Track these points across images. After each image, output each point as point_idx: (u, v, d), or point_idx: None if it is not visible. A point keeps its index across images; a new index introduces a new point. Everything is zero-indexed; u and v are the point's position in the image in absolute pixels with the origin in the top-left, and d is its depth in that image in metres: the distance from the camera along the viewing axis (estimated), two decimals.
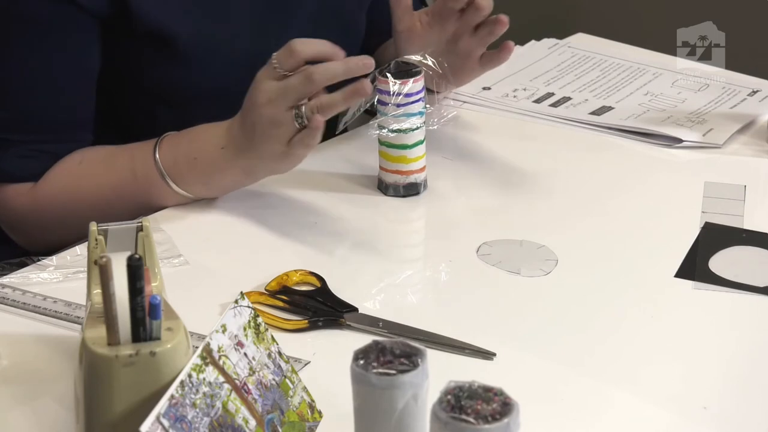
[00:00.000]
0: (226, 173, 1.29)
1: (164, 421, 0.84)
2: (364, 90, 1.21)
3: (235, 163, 1.28)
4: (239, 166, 1.28)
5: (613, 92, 1.61)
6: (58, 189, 1.32)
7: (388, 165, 1.35)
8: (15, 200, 1.33)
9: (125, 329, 0.89)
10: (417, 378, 0.85)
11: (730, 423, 1.02)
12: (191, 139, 1.30)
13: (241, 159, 1.27)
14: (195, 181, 1.30)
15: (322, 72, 1.22)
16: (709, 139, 1.49)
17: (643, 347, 1.11)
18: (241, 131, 1.26)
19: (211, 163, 1.28)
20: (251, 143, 1.25)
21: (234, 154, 1.27)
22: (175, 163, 1.29)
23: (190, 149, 1.29)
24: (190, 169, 1.29)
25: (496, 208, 1.35)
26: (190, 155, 1.29)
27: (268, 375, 0.94)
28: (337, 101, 1.23)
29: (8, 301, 1.15)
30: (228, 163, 1.28)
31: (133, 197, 1.31)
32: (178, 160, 1.29)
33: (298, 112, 1.22)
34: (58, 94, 1.32)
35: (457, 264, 1.24)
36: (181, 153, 1.29)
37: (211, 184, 1.30)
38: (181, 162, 1.29)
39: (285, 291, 1.17)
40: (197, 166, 1.29)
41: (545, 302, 1.18)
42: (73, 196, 1.32)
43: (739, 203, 1.35)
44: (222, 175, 1.29)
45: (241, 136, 1.26)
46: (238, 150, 1.27)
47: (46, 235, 1.35)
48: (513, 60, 1.69)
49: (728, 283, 1.20)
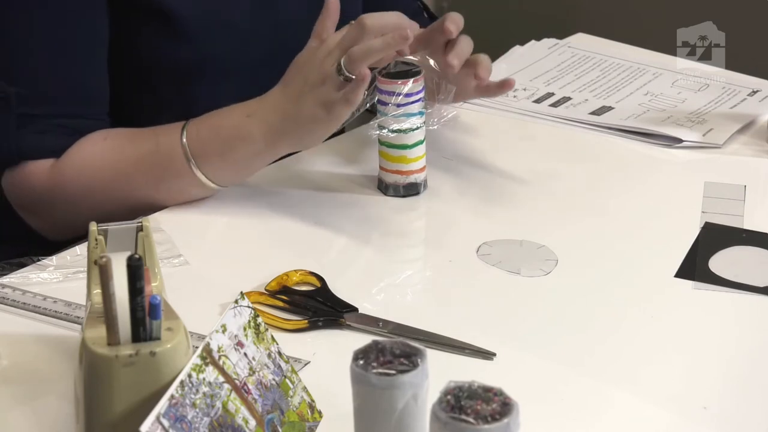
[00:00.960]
0: (247, 142, 1.27)
1: (164, 421, 0.84)
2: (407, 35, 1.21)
3: (260, 131, 1.27)
4: (263, 135, 1.27)
5: (613, 92, 1.61)
6: (82, 164, 1.31)
7: (388, 165, 1.35)
8: (35, 178, 1.32)
9: (125, 329, 0.89)
10: (417, 378, 0.85)
11: (730, 423, 1.02)
12: (216, 112, 1.30)
13: (269, 126, 1.27)
14: (213, 151, 1.28)
15: (376, 18, 1.23)
16: (709, 139, 1.49)
17: (643, 347, 1.11)
18: (282, 94, 1.26)
19: (233, 130, 1.28)
20: (293, 104, 1.25)
21: (261, 120, 1.27)
22: (198, 134, 1.28)
23: (214, 120, 1.29)
24: (211, 137, 1.28)
25: (496, 208, 1.35)
26: (214, 124, 1.29)
27: (268, 375, 0.94)
28: (375, 47, 1.22)
29: (8, 301, 1.15)
30: (252, 130, 1.27)
31: (153, 172, 1.30)
32: (201, 131, 1.29)
33: (338, 65, 1.22)
34: (78, 64, 1.32)
35: (457, 264, 1.24)
36: (205, 125, 1.29)
37: (230, 155, 1.28)
38: (204, 132, 1.28)
39: (285, 291, 1.17)
40: (220, 134, 1.28)
41: (545, 302, 1.18)
42: (97, 170, 1.31)
43: (739, 203, 1.35)
44: (243, 145, 1.28)
45: (280, 99, 1.26)
46: (269, 115, 1.26)
47: (66, 215, 1.33)
48: (513, 60, 1.70)
49: (728, 283, 1.20)
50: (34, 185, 1.32)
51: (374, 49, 1.23)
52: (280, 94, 1.27)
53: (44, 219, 1.36)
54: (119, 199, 1.31)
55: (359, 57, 1.22)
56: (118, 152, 1.32)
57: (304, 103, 1.25)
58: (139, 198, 1.30)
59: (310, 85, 1.25)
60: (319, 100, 1.24)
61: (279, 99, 1.27)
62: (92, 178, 1.31)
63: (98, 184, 1.31)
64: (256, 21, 1.40)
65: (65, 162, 1.32)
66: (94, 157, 1.32)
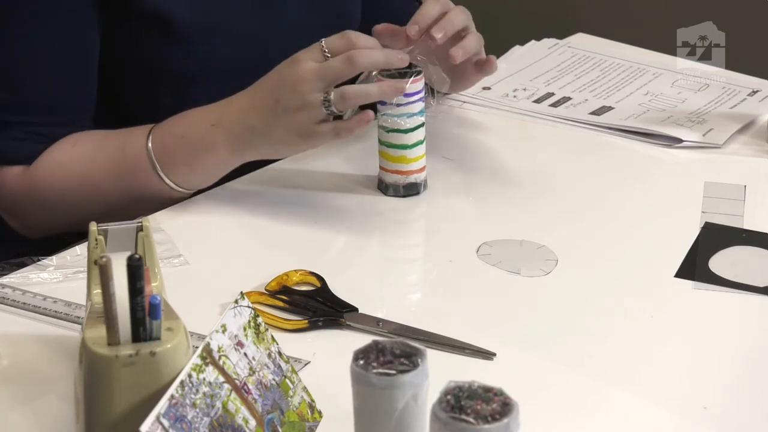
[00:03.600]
0: (212, 152, 1.27)
1: (164, 421, 0.84)
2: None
3: (225, 142, 1.27)
4: (228, 145, 1.27)
5: (613, 92, 1.61)
6: (51, 171, 1.32)
7: (388, 165, 1.35)
8: (10, 183, 1.33)
9: (125, 329, 0.89)
10: (417, 378, 0.85)
11: (730, 423, 1.02)
12: (180, 118, 1.30)
13: (234, 138, 1.26)
14: (180, 161, 1.28)
15: (365, 56, 1.23)
16: (709, 139, 1.49)
17: (643, 347, 1.11)
18: (249, 107, 1.26)
19: (198, 140, 1.27)
20: (262, 122, 1.25)
21: (227, 131, 1.26)
22: (162, 143, 1.29)
23: (178, 128, 1.29)
24: (176, 147, 1.28)
25: (496, 208, 1.35)
26: (177, 134, 1.29)
27: (268, 375, 0.94)
28: (372, 93, 1.24)
29: (8, 301, 1.15)
30: (217, 141, 1.27)
31: (120, 180, 1.30)
32: (166, 139, 1.29)
33: (327, 97, 1.22)
34: (56, 75, 1.32)
35: (457, 264, 1.24)
36: (169, 133, 1.29)
37: (196, 164, 1.28)
38: (169, 141, 1.28)
39: (285, 291, 1.17)
40: (184, 144, 1.28)
41: (545, 302, 1.18)
42: (65, 178, 1.32)
43: (739, 203, 1.35)
44: (208, 155, 1.28)
45: (247, 112, 1.26)
46: (234, 128, 1.26)
47: (41, 220, 1.34)
48: (513, 60, 1.70)
49: (728, 283, 1.20)
50: (8, 190, 1.33)
51: (371, 94, 1.25)
52: (247, 105, 1.27)
53: (21, 221, 1.37)
54: (91, 206, 1.30)
55: (353, 99, 1.23)
56: (86, 161, 1.32)
57: (275, 127, 1.25)
58: (111, 205, 1.30)
59: (283, 109, 1.24)
60: (293, 128, 1.24)
61: (246, 111, 1.26)
62: (62, 188, 1.32)
63: (69, 193, 1.32)
64: (256, 25, 1.40)
65: (36, 169, 1.32)
66: (62, 167, 1.32)
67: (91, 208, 1.29)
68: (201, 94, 1.34)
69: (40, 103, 1.32)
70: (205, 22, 1.36)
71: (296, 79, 1.23)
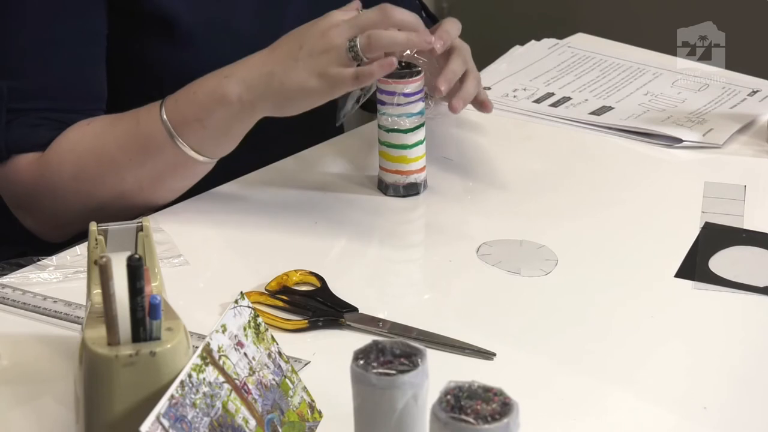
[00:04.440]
0: (222, 103, 1.25)
1: (164, 421, 0.84)
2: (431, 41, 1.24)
3: (237, 90, 1.24)
4: (239, 94, 1.24)
5: (613, 92, 1.61)
6: (66, 151, 1.30)
7: (388, 165, 1.35)
8: (24, 171, 1.31)
9: (125, 329, 0.89)
10: (417, 378, 0.85)
11: (730, 423, 1.02)
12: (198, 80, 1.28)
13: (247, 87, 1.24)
14: (192, 117, 1.26)
15: (399, 12, 1.22)
16: (709, 139, 1.49)
17: (643, 347, 1.11)
18: (268, 56, 1.24)
19: (209, 92, 1.25)
20: (281, 66, 1.23)
21: (239, 80, 1.25)
22: (175, 104, 1.27)
23: (192, 87, 1.28)
24: (188, 104, 1.26)
25: (496, 208, 1.35)
26: (190, 91, 1.27)
27: (268, 375, 0.94)
28: (399, 40, 1.22)
29: (8, 301, 1.15)
30: (228, 90, 1.25)
31: (137, 153, 1.28)
32: (179, 100, 1.27)
33: (353, 43, 1.21)
34: (68, 62, 1.31)
35: (457, 264, 1.24)
36: (182, 93, 1.28)
37: (207, 121, 1.26)
38: (181, 101, 1.27)
39: (285, 291, 1.17)
40: (196, 99, 1.26)
41: (545, 302, 1.18)
42: (80, 154, 1.30)
43: (739, 203, 1.35)
44: (218, 106, 1.25)
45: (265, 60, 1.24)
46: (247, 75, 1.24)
47: (56, 209, 1.32)
48: (513, 60, 1.70)
49: (728, 283, 1.20)
50: (23, 179, 1.32)
51: (398, 42, 1.22)
52: (265, 55, 1.25)
53: (34, 215, 1.36)
54: (106, 186, 1.29)
55: (381, 44, 1.21)
56: (101, 137, 1.30)
57: (295, 68, 1.22)
58: (127, 183, 1.29)
59: (307, 52, 1.22)
60: (315, 69, 1.22)
61: (263, 59, 1.25)
62: (76, 164, 1.30)
63: (83, 172, 1.30)
64: (260, 27, 1.39)
65: (50, 152, 1.31)
66: (77, 143, 1.30)
67: (106, 188, 1.28)
68: None
69: (53, 89, 1.31)
70: (208, 23, 1.36)
71: (326, 26, 1.22)
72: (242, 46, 1.35)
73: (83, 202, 1.31)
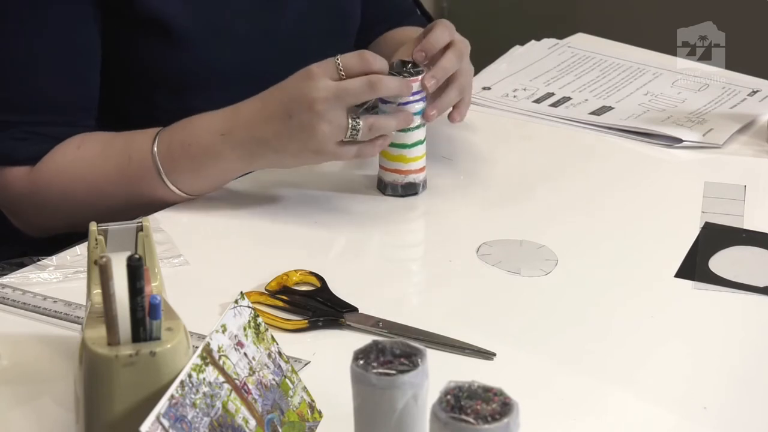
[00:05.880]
0: (219, 161, 1.27)
1: (164, 421, 0.84)
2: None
3: (234, 152, 1.26)
4: (237, 155, 1.27)
5: (613, 92, 1.61)
6: (55, 172, 1.31)
7: (387, 164, 1.35)
8: (13, 183, 1.32)
9: (125, 329, 0.89)
10: (417, 378, 0.85)
11: (730, 423, 1.02)
12: (187, 125, 1.29)
13: (243, 150, 1.26)
14: (186, 169, 1.28)
15: (385, 83, 1.24)
16: (709, 139, 1.49)
17: (643, 347, 1.11)
18: (260, 118, 1.25)
19: (205, 149, 1.27)
20: (277, 135, 1.24)
21: (235, 142, 1.26)
22: (169, 149, 1.28)
23: (184, 135, 1.28)
24: (182, 155, 1.28)
25: (496, 208, 1.35)
26: (184, 141, 1.28)
27: (268, 375, 0.94)
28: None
29: (8, 301, 1.15)
30: (225, 151, 1.27)
31: (124, 184, 1.30)
32: (172, 146, 1.28)
33: (356, 124, 1.23)
34: (55, 74, 1.32)
35: (457, 264, 1.24)
36: (176, 139, 1.29)
37: (202, 172, 1.28)
38: (175, 148, 1.28)
39: (285, 291, 1.17)
40: (190, 152, 1.27)
41: (545, 302, 1.18)
42: (69, 181, 1.31)
43: (739, 203, 1.35)
44: (215, 163, 1.27)
45: (258, 124, 1.25)
46: (244, 139, 1.26)
47: (44, 220, 1.34)
48: (513, 60, 1.70)
49: (728, 283, 1.20)
50: (10, 192, 1.33)
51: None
52: (258, 116, 1.26)
53: (24, 221, 1.37)
54: (94, 208, 1.30)
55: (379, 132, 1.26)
56: (91, 164, 1.32)
57: (289, 142, 1.24)
58: (114, 207, 1.30)
59: (298, 126, 1.23)
60: (309, 145, 1.24)
61: (256, 122, 1.26)
62: (65, 190, 1.32)
63: (72, 197, 1.31)
64: (255, 28, 1.39)
65: (40, 170, 1.32)
66: (66, 168, 1.32)
67: (94, 210, 1.29)
68: (201, 97, 1.33)
69: (40, 103, 1.32)
70: (204, 25, 1.36)
71: (313, 96, 1.22)
72: (238, 48, 1.35)
73: (70, 218, 1.32)
